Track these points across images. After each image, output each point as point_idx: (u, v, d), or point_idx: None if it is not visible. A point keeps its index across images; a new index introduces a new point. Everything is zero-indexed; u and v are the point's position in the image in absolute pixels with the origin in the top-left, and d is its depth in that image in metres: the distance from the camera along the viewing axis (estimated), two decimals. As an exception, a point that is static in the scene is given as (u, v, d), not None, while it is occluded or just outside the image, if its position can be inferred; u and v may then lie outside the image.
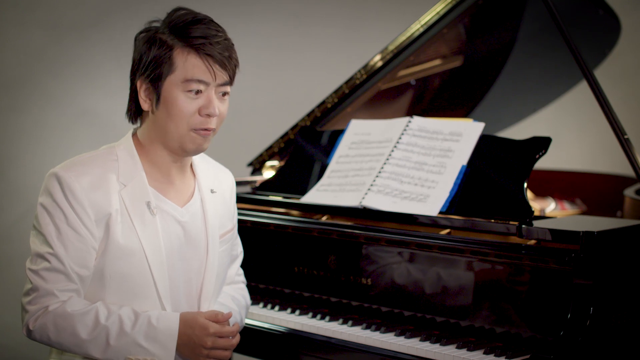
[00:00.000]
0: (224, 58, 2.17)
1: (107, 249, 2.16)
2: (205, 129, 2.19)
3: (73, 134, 4.49)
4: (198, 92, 2.17)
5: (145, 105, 2.21)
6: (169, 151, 2.24)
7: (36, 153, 4.43)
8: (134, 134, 2.29)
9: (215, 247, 2.33)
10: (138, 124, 2.29)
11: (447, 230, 2.57)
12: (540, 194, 3.57)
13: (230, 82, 2.22)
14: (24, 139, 4.42)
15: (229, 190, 2.47)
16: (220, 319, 2.21)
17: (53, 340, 2.12)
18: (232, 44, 2.22)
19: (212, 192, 2.37)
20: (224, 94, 2.23)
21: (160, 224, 2.22)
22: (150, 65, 2.17)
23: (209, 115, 2.18)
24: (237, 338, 2.26)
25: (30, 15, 4.36)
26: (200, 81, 2.17)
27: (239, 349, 2.76)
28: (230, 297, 2.46)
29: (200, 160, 2.40)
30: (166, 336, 2.14)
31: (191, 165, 2.36)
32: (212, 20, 2.21)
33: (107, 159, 2.22)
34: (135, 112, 2.27)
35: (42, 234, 2.13)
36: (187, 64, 2.16)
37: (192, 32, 2.16)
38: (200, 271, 2.31)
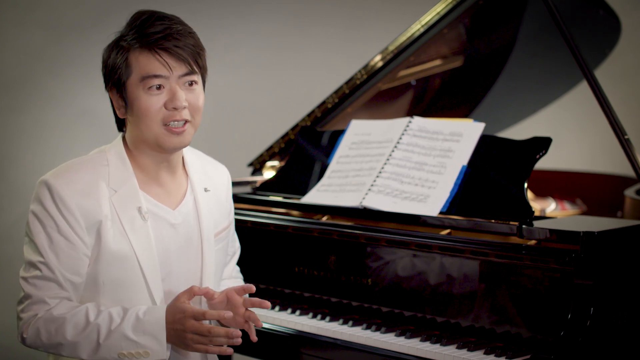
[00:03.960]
0: (177, 48, 2.16)
1: (99, 255, 2.15)
2: (176, 121, 2.17)
3: (73, 134, 4.49)
4: (159, 87, 2.17)
5: (119, 113, 2.23)
6: (154, 152, 2.23)
7: (36, 153, 4.43)
8: (123, 138, 2.28)
9: (210, 247, 2.32)
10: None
11: (448, 231, 2.57)
12: (540, 194, 3.57)
13: (193, 70, 2.19)
14: (24, 139, 4.42)
15: (224, 187, 2.45)
16: (195, 291, 2.15)
17: (47, 344, 2.11)
18: (190, 32, 2.20)
19: (206, 190, 2.35)
20: (191, 83, 2.20)
21: (153, 229, 2.21)
22: (111, 73, 2.19)
23: (175, 108, 2.17)
24: (221, 340, 2.15)
25: (30, 15, 4.36)
26: (156, 76, 2.16)
27: (239, 348, 2.76)
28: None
29: (194, 158, 2.39)
30: (154, 327, 2.11)
31: (184, 164, 2.35)
32: (165, 15, 2.19)
33: (97, 164, 2.21)
34: (118, 122, 2.28)
35: (34, 242, 2.13)
36: (140, 62, 2.16)
37: (145, 30, 2.16)
38: (198, 272, 2.30)
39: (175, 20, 2.20)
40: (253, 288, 2.22)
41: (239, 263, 2.63)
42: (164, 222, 2.24)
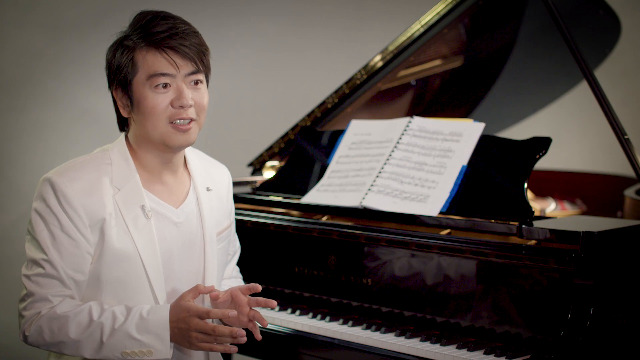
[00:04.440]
0: (183, 47, 2.17)
1: (102, 253, 2.15)
2: (182, 119, 2.18)
3: (73, 134, 4.49)
4: (166, 85, 2.17)
5: (124, 112, 2.23)
6: (159, 151, 2.24)
7: (36, 153, 4.43)
8: (126, 137, 2.29)
9: (212, 246, 2.32)
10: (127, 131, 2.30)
11: (448, 231, 2.57)
12: (540, 194, 3.57)
13: (199, 69, 2.20)
14: (24, 139, 4.42)
15: (225, 187, 2.46)
16: (200, 290, 2.17)
17: (49, 342, 2.11)
18: (194, 32, 2.21)
19: (208, 190, 2.36)
20: (197, 82, 2.21)
21: (156, 227, 2.22)
22: (117, 72, 2.19)
23: (181, 107, 2.18)
24: (225, 339, 2.15)
25: (30, 15, 4.36)
26: (163, 74, 2.16)
27: (239, 348, 2.76)
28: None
29: (195, 158, 2.39)
30: (158, 326, 2.12)
31: (185, 164, 2.36)
32: (170, 15, 2.20)
33: (100, 162, 2.22)
34: (120, 121, 2.29)
35: (37, 239, 2.13)
36: (147, 60, 2.16)
37: (150, 29, 2.17)
38: (200, 271, 2.31)
39: (179, 19, 2.21)
40: (259, 287, 2.22)
41: (239, 263, 2.64)
42: (166, 221, 2.25)
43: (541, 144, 2.56)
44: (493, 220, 2.48)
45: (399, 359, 2.38)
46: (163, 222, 2.24)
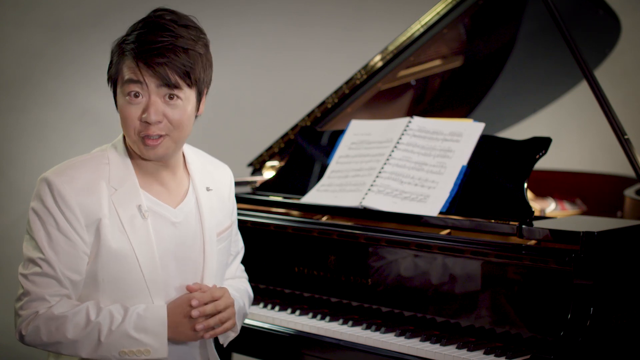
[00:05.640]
0: (158, 65, 2.09)
1: (99, 253, 2.16)
2: (147, 136, 2.14)
3: (73, 133, 4.49)
4: (137, 95, 2.13)
5: (117, 108, 2.25)
6: None
7: (36, 153, 4.43)
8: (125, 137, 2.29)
9: (212, 246, 2.32)
10: None
11: (447, 231, 2.57)
12: (540, 194, 3.57)
13: (173, 85, 2.11)
14: (24, 139, 4.42)
15: (227, 187, 2.46)
16: (190, 288, 2.22)
17: (46, 342, 2.12)
18: (181, 47, 2.12)
19: (208, 189, 2.36)
20: (172, 97, 2.13)
21: (153, 227, 2.21)
22: (110, 70, 2.20)
23: (147, 122, 2.13)
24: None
25: (30, 15, 4.36)
26: (132, 81, 2.12)
27: (238, 348, 2.76)
28: (232, 287, 2.44)
29: (196, 158, 2.39)
30: (155, 324, 2.13)
31: (185, 164, 2.35)
32: (168, 27, 2.13)
33: (98, 162, 2.22)
34: None
35: (34, 239, 2.14)
36: (124, 67, 2.14)
37: (144, 40, 2.12)
38: (198, 271, 2.30)
39: (176, 33, 2.13)
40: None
41: (239, 263, 2.64)
42: (164, 221, 2.24)
43: (541, 144, 2.56)
44: (493, 220, 2.48)
45: (399, 359, 2.38)
46: (160, 222, 2.24)
